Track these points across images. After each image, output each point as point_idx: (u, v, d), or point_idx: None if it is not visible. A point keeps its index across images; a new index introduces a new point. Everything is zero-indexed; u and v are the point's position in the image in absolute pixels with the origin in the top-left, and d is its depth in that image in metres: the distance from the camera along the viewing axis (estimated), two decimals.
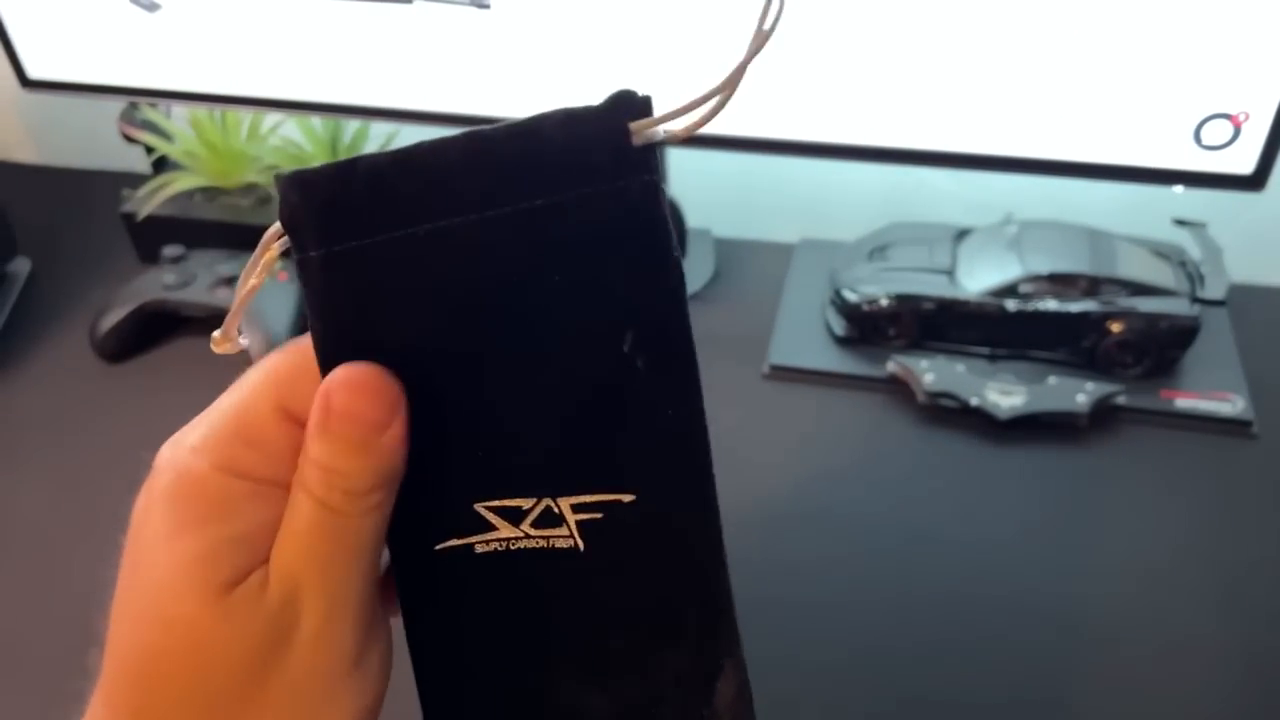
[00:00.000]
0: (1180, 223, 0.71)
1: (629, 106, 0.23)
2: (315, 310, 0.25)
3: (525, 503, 0.26)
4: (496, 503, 0.26)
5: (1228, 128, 0.59)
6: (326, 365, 0.24)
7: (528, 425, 0.25)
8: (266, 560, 0.24)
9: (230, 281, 0.75)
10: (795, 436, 0.67)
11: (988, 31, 0.59)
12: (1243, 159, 0.60)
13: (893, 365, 0.69)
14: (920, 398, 0.67)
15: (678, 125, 0.23)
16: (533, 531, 0.26)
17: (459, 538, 0.27)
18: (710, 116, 0.24)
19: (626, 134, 0.23)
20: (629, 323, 0.25)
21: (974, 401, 0.66)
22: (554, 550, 0.27)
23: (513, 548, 0.27)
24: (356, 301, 0.24)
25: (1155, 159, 0.61)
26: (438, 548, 0.27)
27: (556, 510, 0.26)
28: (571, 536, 0.26)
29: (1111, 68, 0.58)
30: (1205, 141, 0.60)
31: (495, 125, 0.23)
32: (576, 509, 0.26)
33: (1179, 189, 0.63)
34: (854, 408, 0.69)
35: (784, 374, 0.71)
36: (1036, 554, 0.59)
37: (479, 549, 0.27)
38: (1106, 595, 0.57)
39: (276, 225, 0.24)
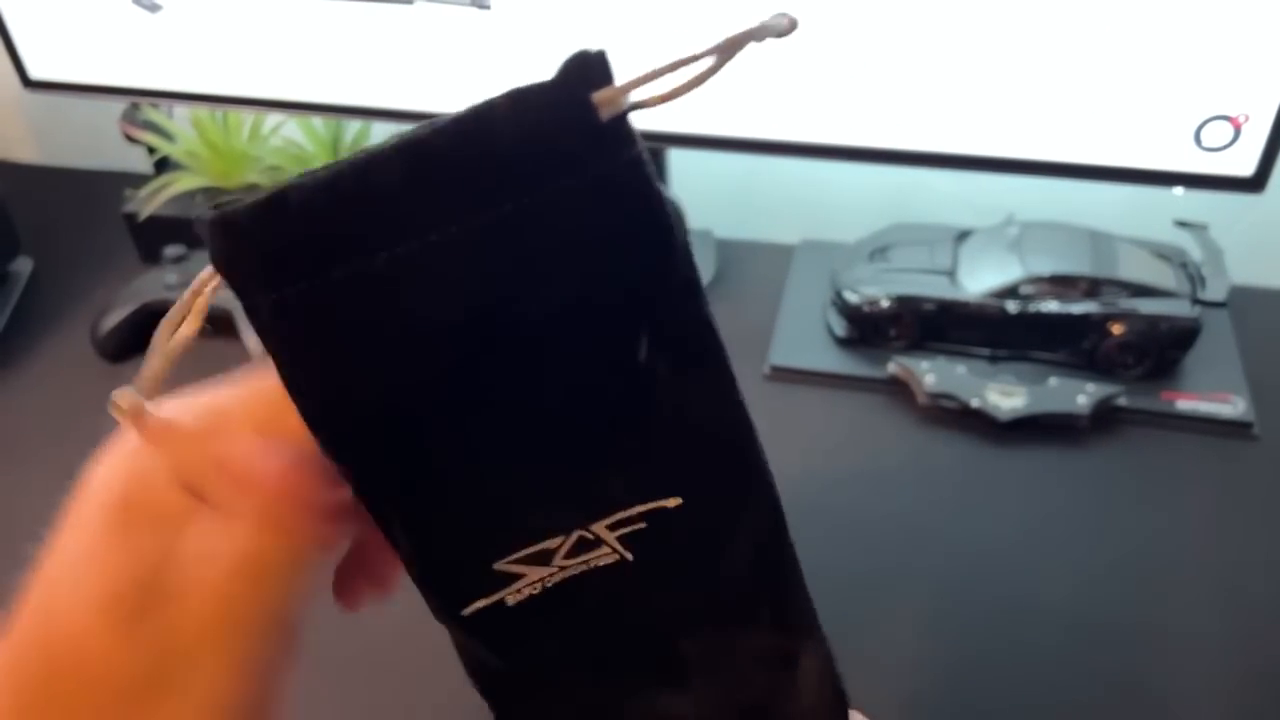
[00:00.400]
0: (1181, 224, 0.71)
1: (587, 72, 0.19)
2: (277, 360, 0.21)
3: (553, 543, 0.23)
4: (519, 554, 0.23)
5: (1228, 129, 0.59)
6: (308, 418, 0.22)
7: (541, 466, 0.22)
8: (185, 596, 0.23)
9: None
10: (796, 438, 0.67)
11: (989, 33, 0.59)
12: (1243, 161, 0.60)
13: (893, 366, 0.69)
14: (921, 399, 0.67)
15: (653, 91, 0.20)
16: (568, 562, 0.24)
17: (485, 598, 0.24)
18: (695, 84, 0.20)
19: (591, 108, 0.19)
20: (642, 323, 0.21)
21: (974, 403, 0.66)
22: (597, 569, 0.24)
23: (549, 584, 0.24)
24: (321, 350, 0.21)
25: (1156, 161, 0.61)
26: (465, 613, 0.24)
27: (591, 536, 0.23)
28: (615, 552, 0.24)
29: (1112, 70, 0.58)
30: (1206, 143, 0.60)
31: (435, 125, 0.19)
32: (614, 526, 0.23)
33: (1179, 191, 0.63)
34: (855, 409, 0.69)
35: (785, 375, 0.71)
36: (1037, 555, 0.59)
37: (510, 600, 0.24)
38: (1107, 596, 0.57)
39: (210, 267, 0.21)
